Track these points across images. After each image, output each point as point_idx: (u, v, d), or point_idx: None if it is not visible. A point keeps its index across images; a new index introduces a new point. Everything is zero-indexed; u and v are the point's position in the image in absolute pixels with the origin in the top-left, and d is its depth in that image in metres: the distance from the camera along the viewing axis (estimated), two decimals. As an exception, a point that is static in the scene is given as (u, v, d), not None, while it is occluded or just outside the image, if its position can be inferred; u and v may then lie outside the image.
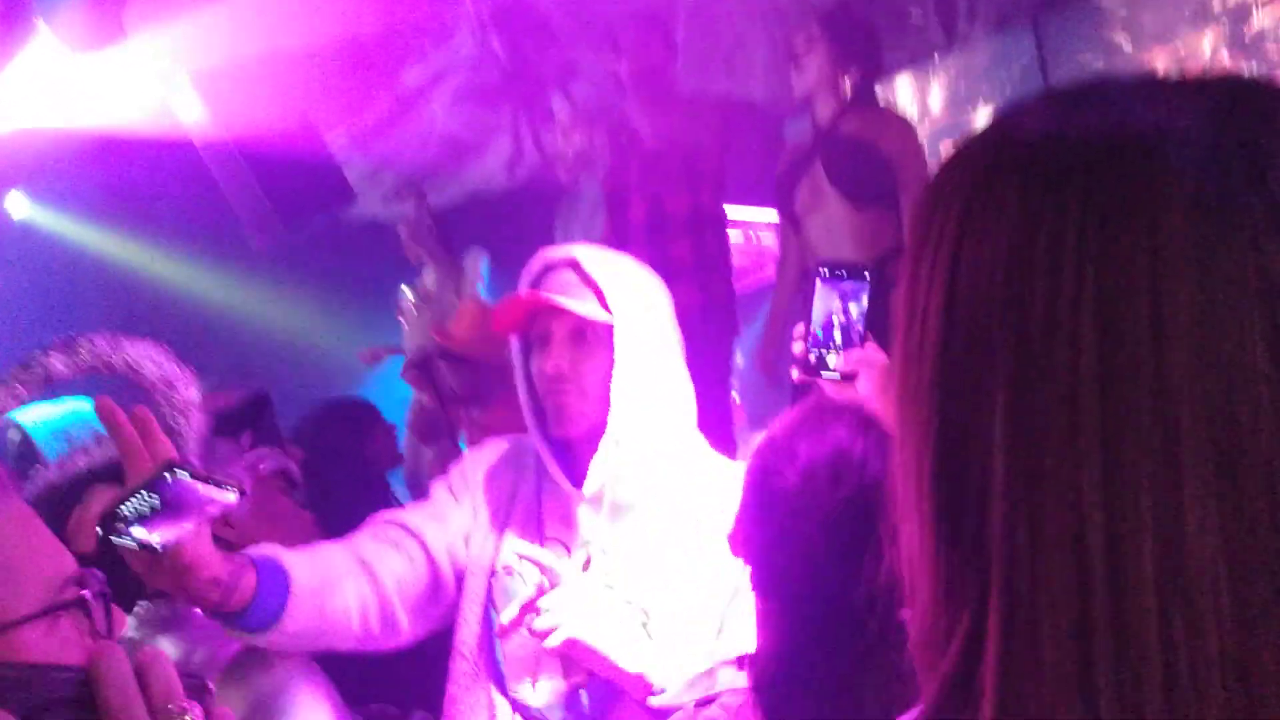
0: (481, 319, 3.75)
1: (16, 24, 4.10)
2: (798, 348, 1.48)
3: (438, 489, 1.94)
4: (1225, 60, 4.17)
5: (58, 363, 1.38)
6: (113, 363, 1.46)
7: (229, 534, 1.74)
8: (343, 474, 3.28)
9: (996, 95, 4.82)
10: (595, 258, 1.81)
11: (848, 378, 1.42)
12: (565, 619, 1.62)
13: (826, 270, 1.48)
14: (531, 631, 1.63)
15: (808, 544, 1.31)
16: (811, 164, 3.32)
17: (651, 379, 1.76)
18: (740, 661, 1.46)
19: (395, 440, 3.73)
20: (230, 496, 1.29)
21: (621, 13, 3.72)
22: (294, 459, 3.00)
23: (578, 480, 1.80)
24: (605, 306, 1.75)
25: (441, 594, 1.84)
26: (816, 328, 1.47)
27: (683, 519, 1.78)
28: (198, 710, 0.67)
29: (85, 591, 0.79)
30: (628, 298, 1.76)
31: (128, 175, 5.16)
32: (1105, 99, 0.52)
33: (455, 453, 3.55)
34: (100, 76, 4.22)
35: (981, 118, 4.89)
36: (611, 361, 1.73)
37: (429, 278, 5.23)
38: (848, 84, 3.28)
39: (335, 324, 6.13)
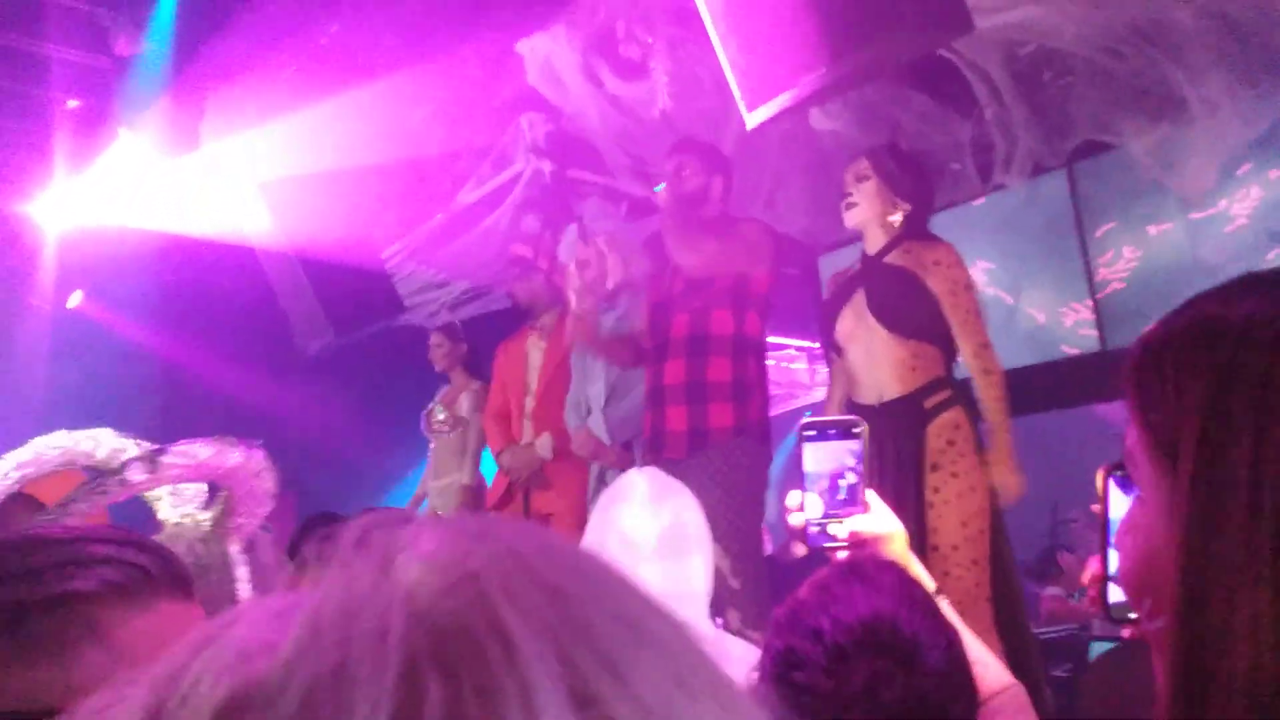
0: None
1: (100, 129, 4.31)
2: (796, 519, 1.32)
3: None
4: (1261, 216, 4.27)
5: (138, 473, 1.38)
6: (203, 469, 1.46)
7: None
8: None
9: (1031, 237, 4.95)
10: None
11: (856, 545, 1.30)
12: None
13: (814, 430, 1.34)
14: None
15: None
16: (854, 293, 3.37)
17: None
18: None
19: None
20: None
21: (671, 142, 3.84)
22: None
23: None
24: None
25: None
26: (813, 494, 1.32)
27: None
28: None
29: None
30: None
31: (186, 276, 5.31)
32: None
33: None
34: (172, 182, 4.41)
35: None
36: None
37: (464, 402, 5.13)
38: (899, 217, 3.36)
39: (371, 430, 6.19)
